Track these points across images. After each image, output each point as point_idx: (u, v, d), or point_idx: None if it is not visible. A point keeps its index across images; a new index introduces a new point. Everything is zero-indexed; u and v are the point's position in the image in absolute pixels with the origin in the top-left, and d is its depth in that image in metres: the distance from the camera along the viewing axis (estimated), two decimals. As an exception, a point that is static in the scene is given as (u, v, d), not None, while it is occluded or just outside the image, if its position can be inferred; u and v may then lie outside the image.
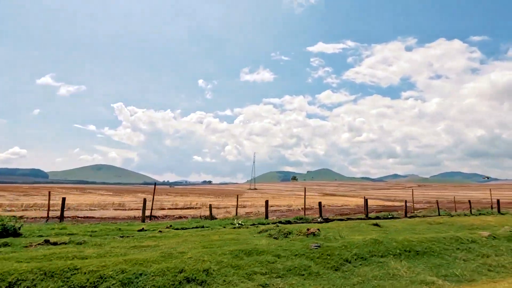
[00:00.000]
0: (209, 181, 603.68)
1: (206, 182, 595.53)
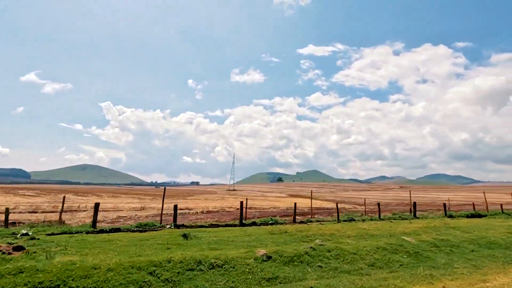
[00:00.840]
0: (197, 182, 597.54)
1: (194, 183, 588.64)
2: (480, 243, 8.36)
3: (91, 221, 11.01)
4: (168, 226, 11.66)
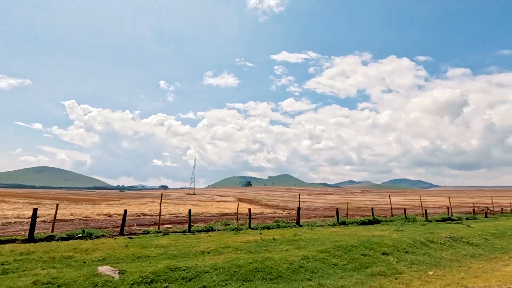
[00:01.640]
0: (165, 186, 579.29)
1: (163, 187, 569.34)
2: (262, 272, 6.83)
3: None
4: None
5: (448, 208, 24.03)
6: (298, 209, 17.19)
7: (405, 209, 21.98)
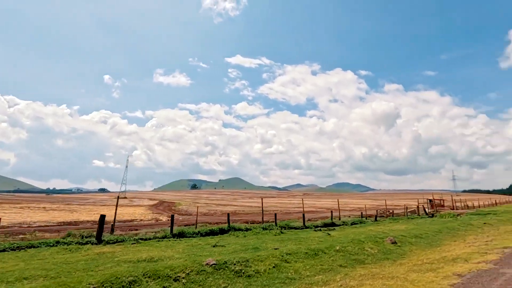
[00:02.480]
0: (104, 189, 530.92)
1: (102, 190, 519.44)
2: None
3: None
4: None
5: (362, 211, 22.42)
6: (172, 217, 13.33)
7: (303, 214, 19.49)
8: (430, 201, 48.00)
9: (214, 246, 10.34)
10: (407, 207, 32.17)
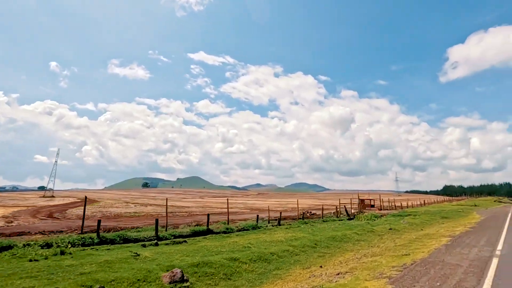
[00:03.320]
0: (43, 187, 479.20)
1: (42, 188, 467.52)
2: None
3: None
4: None
5: (296, 210, 19.40)
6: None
7: (228, 215, 15.78)
8: (362, 201, 48.53)
9: None
10: (323, 208, 30.78)
